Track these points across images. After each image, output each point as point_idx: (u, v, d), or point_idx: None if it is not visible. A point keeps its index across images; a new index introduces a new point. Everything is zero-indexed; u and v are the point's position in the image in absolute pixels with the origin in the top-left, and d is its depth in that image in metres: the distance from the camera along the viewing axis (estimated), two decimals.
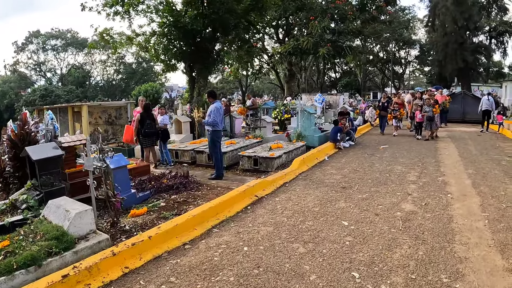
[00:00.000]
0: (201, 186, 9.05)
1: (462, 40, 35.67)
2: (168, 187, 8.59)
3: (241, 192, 7.92)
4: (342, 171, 10.25)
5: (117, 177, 7.46)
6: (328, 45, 24.31)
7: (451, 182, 8.74)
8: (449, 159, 11.36)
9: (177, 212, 7.09)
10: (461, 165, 10.49)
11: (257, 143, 13.87)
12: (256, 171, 10.85)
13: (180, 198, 8.00)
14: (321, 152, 12.52)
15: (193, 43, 16.86)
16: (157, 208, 7.37)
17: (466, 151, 12.65)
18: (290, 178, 9.68)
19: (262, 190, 8.53)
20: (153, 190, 8.36)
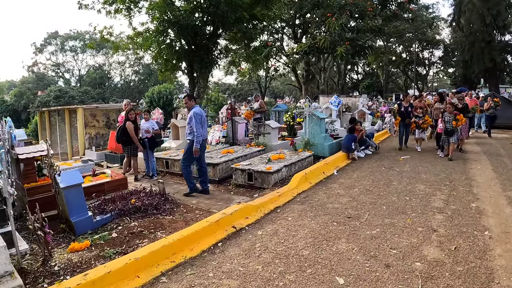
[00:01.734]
0: (177, 208, 7.34)
1: (490, 38, 32.72)
2: (136, 209, 6.92)
3: (213, 223, 6.07)
4: (352, 191, 8.22)
5: (69, 198, 6.09)
6: (347, 44, 22.15)
7: (488, 211, 6.63)
8: (481, 176, 9.19)
9: (126, 248, 5.43)
10: (498, 184, 8.33)
11: (258, 152, 12.06)
12: (251, 187, 9.07)
13: (138, 228, 6.22)
14: (329, 164, 10.48)
15: (191, 40, 15.03)
16: (102, 242, 5.67)
17: (500, 164, 10.44)
18: (284, 201, 7.71)
19: (245, 218, 6.65)
20: (115, 213, 6.71)
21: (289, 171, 9.90)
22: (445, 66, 51.16)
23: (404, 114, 13.04)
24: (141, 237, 5.81)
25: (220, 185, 9.49)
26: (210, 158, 10.49)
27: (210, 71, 15.22)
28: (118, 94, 42.23)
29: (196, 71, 15.56)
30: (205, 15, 14.52)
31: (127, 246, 5.46)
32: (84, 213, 6.21)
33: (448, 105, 11.68)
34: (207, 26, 14.96)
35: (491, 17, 30.95)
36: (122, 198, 7.47)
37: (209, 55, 14.95)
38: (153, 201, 7.25)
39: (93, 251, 5.32)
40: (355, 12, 23.00)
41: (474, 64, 33.37)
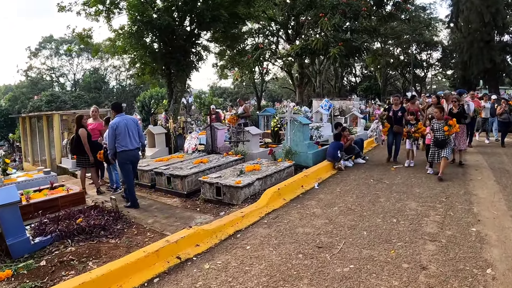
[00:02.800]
0: (129, 228, 6.33)
1: (489, 38, 31.09)
2: (80, 230, 6.00)
3: (151, 254, 4.89)
4: (330, 211, 6.89)
5: (4, 217, 5.34)
6: (340, 45, 20.86)
7: (491, 238, 5.30)
8: (483, 189, 7.83)
9: (48, 281, 4.50)
10: (502, 200, 6.97)
11: (235, 161, 10.78)
12: (220, 202, 7.89)
13: (70, 255, 5.20)
14: (310, 176, 9.13)
15: (166, 41, 13.73)
16: (26, 272, 4.70)
17: (504, 174, 9.06)
18: (248, 223, 6.43)
19: (194, 246, 5.44)
20: (56, 234, 5.84)
21: (264, 184, 8.58)
22: (443, 68, 49.66)
23: (392, 120, 10.70)
24: (69, 267, 4.84)
25: (188, 199, 8.40)
26: (179, 169, 9.39)
27: (188, 74, 13.87)
28: (113, 98, 40.94)
29: (173, 74, 14.22)
30: (180, 14, 13.21)
31: (49, 279, 4.50)
32: (21, 235, 5.44)
33: (435, 109, 9.06)
34: (182, 26, 13.62)
35: (490, 16, 29.43)
36: (68, 217, 6.55)
37: (186, 57, 13.59)
38: (102, 221, 6.33)
39: (12, 283, 4.40)
40: (349, 12, 21.70)
41: (473, 65, 31.86)
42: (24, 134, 20.89)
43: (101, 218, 6.45)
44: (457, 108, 10.28)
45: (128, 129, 7.52)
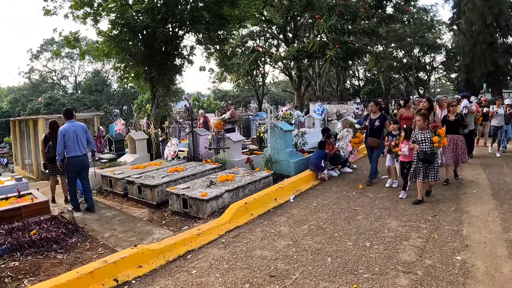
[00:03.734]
0: (83, 242, 5.84)
1: (492, 39, 29.74)
2: (31, 243, 5.57)
3: (84, 275, 4.26)
4: (298, 230, 5.98)
5: None
6: (337, 47, 19.90)
7: (478, 270, 4.37)
8: (477, 205, 6.84)
9: None
10: (497, 220, 6.00)
11: (213, 170, 9.92)
12: (187, 215, 7.08)
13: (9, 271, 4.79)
14: (286, 188, 8.19)
15: (146, 43, 12.92)
16: None
17: (503, 187, 8.04)
18: (204, 242, 5.62)
19: (137, 267, 4.71)
20: (6, 247, 5.43)
21: (235, 196, 7.72)
22: (447, 71, 48.38)
23: (369, 132, 8.64)
24: (3, 285, 4.42)
25: (158, 210, 7.72)
26: (150, 178, 8.63)
27: (170, 77, 13.03)
28: (114, 101, 40.23)
29: (154, 78, 13.39)
30: (158, 16, 12.40)
31: None
32: None
33: (417, 117, 7.16)
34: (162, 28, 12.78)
35: (493, 17, 28.17)
36: (23, 228, 6.10)
37: (168, 61, 12.76)
38: (55, 234, 5.88)
39: None
40: (347, 13, 20.74)
41: (476, 67, 30.62)
42: (14, 138, 20.45)
43: (56, 231, 5.99)
44: (454, 115, 8.46)
45: (76, 136, 7.43)
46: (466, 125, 8.87)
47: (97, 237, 6.10)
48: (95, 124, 17.26)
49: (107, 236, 6.16)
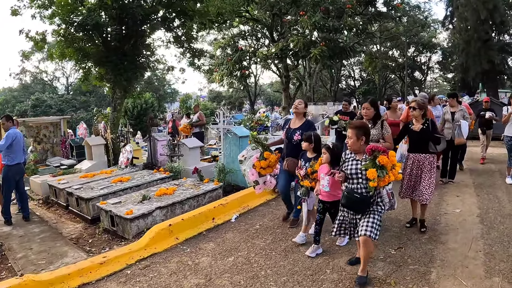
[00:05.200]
0: None
1: (487, 37, 27.75)
2: None
3: None
4: (221, 263, 4.56)
5: None
6: (322, 44, 18.38)
7: None
8: (458, 232, 5.25)
9: None
10: (481, 255, 4.47)
11: (162, 180, 8.60)
12: (116, 234, 6.07)
13: None
14: (230, 205, 6.65)
15: (101, 43, 11.54)
16: None
17: (493, 205, 6.46)
18: (105, 273, 4.43)
19: None
20: None
21: (171, 214, 6.35)
22: (443, 71, 46.66)
23: (285, 148, 5.86)
24: None
25: (92, 226, 6.77)
26: (89, 190, 7.58)
27: (127, 79, 11.55)
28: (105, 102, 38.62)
29: (110, 78, 11.95)
30: (109, 13, 10.97)
31: None
32: None
33: (349, 132, 4.00)
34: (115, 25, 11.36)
35: (487, 13, 26.30)
36: None
37: (124, 60, 11.30)
38: None
39: None
40: (333, 10, 19.17)
41: (471, 66, 28.86)
42: None
43: None
44: (422, 123, 5.33)
45: (22, 142, 7.26)
46: (438, 139, 5.24)
47: (9, 257, 5.42)
48: (62, 128, 15.78)
49: (20, 257, 5.42)
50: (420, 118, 5.33)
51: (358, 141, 3.89)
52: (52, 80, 44.45)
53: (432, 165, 5.24)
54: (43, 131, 14.95)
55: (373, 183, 3.61)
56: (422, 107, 5.36)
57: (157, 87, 43.71)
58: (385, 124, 5.40)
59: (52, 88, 43.23)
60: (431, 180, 5.17)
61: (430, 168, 5.21)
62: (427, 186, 5.13)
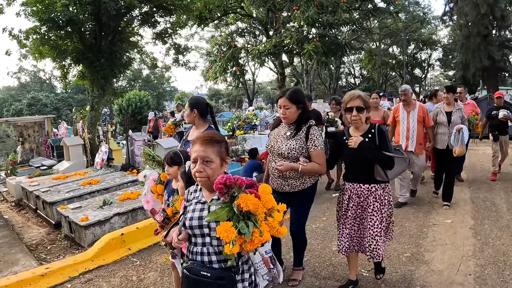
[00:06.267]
0: None
1: (487, 32, 26.78)
2: None
3: None
4: (167, 281, 3.98)
5: None
6: (316, 40, 17.65)
7: None
8: (446, 246, 4.52)
9: None
10: (470, 279, 3.68)
11: (132, 183, 8.19)
12: (74, 241, 5.65)
13: None
14: None
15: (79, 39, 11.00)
16: None
17: (488, 209, 5.73)
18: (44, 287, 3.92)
19: None
20: None
21: (133, 221, 5.75)
22: (444, 68, 45.74)
23: None
24: None
25: (55, 231, 6.34)
26: (55, 193, 7.17)
27: (104, 76, 10.96)
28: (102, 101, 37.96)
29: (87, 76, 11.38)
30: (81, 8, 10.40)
31: None
32: None
33: (195, 147, 2.08)
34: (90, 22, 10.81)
35: (487, 7, 25.31)
36: None
37: (101, 57, 10.70)
38: None
39: None
40: (328, 5, 18.43)
41: (470, 62, 27.93)
42: None
43: None
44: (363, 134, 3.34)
45: None
46: (391, 158, 3.25)
47: None
48: (46, 127, 15.18)
49: None
50: (360, 124, 3.29)
51: (221, 168, 2.10)
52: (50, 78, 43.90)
53: (383, 201, 3.30)
54: (28, 131, 14.51)
55: (232, 248, 1.77)
56: (361, 108, 3.20)
57: (155, 85, 43.08)
58: (313, 132, 3.35)
59: (50, 87, 42.58)
60: (382, 226, 3.30)
61: (379, 206, 3.28)
62: (376, 236, 3.26)
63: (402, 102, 6.03)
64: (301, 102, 3.40)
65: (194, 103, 3.81)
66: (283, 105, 3.36)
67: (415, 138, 5.86)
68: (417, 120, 5.85)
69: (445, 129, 5.97)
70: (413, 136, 5.86)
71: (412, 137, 5.87)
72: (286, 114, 3.37)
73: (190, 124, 4.01)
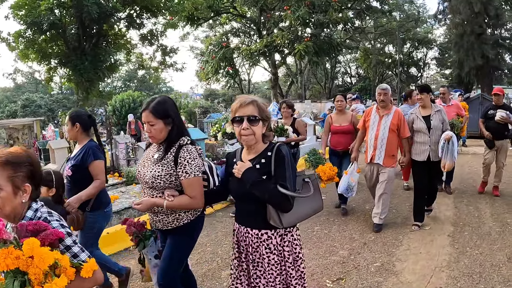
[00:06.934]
0: None
1: (481, 30, 26.52)
2: None
3: None
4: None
5: None
6: (306, 40, 17.49)
7: None
8: (422, 253, 4.35)
9: None
10: None
11: (113, 186, 8.04)
12: None
13: None
14: None
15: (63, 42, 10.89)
16: None
17: (470, 214, 5.53)
18: None
19: None
20: None
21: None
22: (440, 67, 45.51)
23: None
24: None
25: None
26: None
27: (88, 79, 10.79)
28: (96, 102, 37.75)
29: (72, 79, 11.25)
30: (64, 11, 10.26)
31: None
32: None
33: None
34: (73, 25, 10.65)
35: (481, 5, 25.07)
36: None
37: (84, 61, 10.53)
38: None
39: None
40: (319, 4, 18.25)
41: (464, 61, 27.71)
42: None
43: None
44: (253, 158, 2.28)
45: None
46: (286, 197, 2.12)
47: None
48: (35, 129, 14.96)
49: None
50: (253, 143, 2.25)
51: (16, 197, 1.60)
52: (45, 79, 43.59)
53: (283, 254, 2.27)
54: (18, 133, 14.29)
55: None
56: (255, 118, 2.18)
57: (151, 86, 42.87)
58: (184, 155, 2.47)
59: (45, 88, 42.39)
60: None
61: (278, 261, 2.26)
62: None
63: (379, 103, 5.08)
64: (168, 116, 2.51)
65: (75, 116, 3.39)
66: (146, 121, 2.50)
67: (384, 148, 4.93)
68: (389, 127, 4.91)
69: (425, 137, 4.98)
70: (382, 146, 4.94)
71: (380, 146, 4.95)
72: (152, 133, 2.52)
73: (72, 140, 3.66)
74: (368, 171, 5.21)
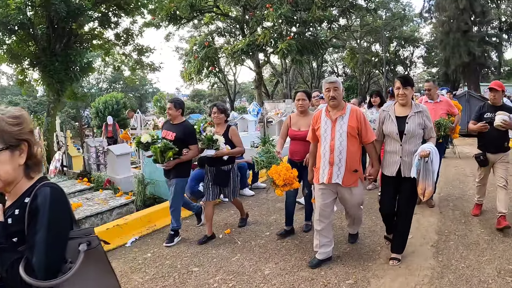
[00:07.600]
0: None
1: (467, 27, 26.31)
2: None
3: None
4: None
5: None
6: (289, 38, 17.07)
7: None
8: (401, 268, 3.86)
9: None
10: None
11: (80, 192, 7.68)
12: None
13: None
14: (132, 224, 5.33)
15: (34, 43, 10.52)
16: None
17: (456, 221, 5.10)
18: None
19: None
20: None
21: None
22: (427, 65, 45.51)
23: None
24: None
25: None
26: None
27: (59, 81, 10.33)
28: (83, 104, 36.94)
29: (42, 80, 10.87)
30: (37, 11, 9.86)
31: None
32: None
33: None
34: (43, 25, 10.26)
35: (466, 2, 24.89)
36: None
37: (54, 62, 10.09)
38: None
39: None
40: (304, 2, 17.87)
41: (450, 59, 27.53)
42: None
43: None
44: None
45: None
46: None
47: None
48: None
49: None
50: None
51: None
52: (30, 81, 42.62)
53: None
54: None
55: None
56: None
57: (137, 87, 42.22)
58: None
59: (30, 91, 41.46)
60: None
61: None
62: None
63: (329, 102, 3.73)
64: None
65: None
66: None
67: (343, 163, 3.67)
68: (346, 133, 3.66)
69: (396, 146, 3.78)
70: (341, 160, 3.66)
71: (338, 161, 3.66)
72: None
73: None
74: (323, 196, 3.83)
